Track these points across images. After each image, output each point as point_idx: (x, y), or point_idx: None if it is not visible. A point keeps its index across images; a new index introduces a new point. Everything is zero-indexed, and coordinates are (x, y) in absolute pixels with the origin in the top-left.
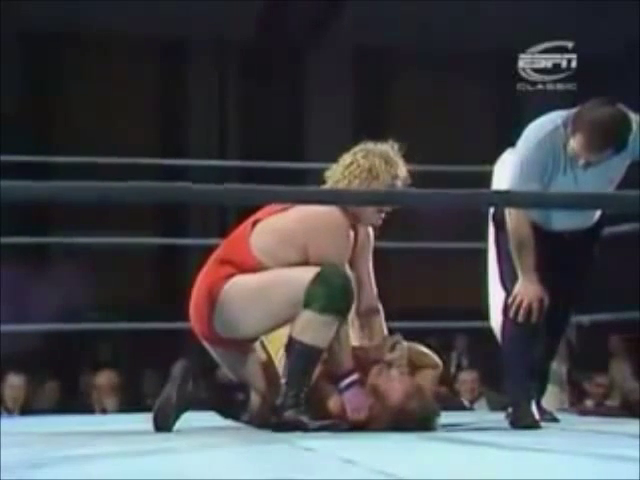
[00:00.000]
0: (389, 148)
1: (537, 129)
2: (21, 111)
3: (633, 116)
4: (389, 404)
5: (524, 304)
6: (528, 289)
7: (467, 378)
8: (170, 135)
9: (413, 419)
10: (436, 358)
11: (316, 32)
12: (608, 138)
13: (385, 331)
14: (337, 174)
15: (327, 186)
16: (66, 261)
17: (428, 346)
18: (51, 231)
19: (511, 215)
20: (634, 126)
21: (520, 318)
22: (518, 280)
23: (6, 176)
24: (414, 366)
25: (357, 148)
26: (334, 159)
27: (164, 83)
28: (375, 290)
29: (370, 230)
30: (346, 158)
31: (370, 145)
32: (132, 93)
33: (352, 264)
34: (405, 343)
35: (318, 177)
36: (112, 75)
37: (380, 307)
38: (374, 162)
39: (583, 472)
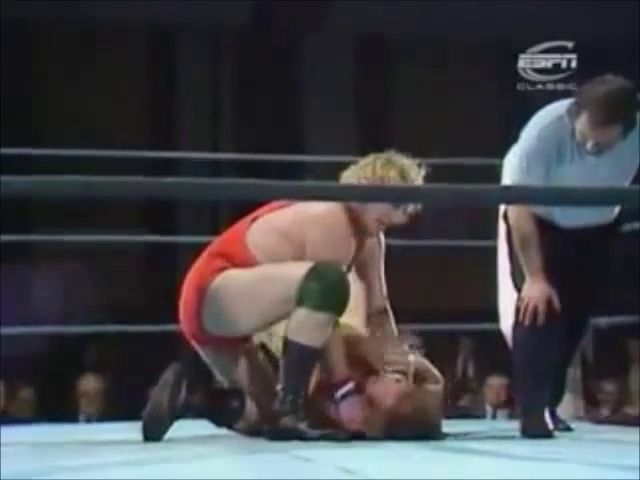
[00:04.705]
0: (412, 165)
1: (539, 120)
2: (3, 100)
3: None
4: (382, 407)
5: (529, 307)
6: (533, 290)
7: (495, 383)
8: (162, 126)
9: (409, 423)
10: (437, 373)
11: (315, 18)
12: (614, 111)
13: (396, 333)
14: (350, 174)
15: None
16: (51, 261)
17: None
18: (36, 229)
19: (512, 212)
20: None
21: (526, 322)
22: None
23: None
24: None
25: (382, 155)
26: (333, 151)
27: (156, 71)
28: (385, 292)
29: (381, 236)
30: (364, 162)
31: (396, 157)
32: (121, 81)
33: (361, 271)
34: (412, 358)
35: (319, 170)
36: (98, 63)
37: (389, 308)
38: (389, 173)
39: None
